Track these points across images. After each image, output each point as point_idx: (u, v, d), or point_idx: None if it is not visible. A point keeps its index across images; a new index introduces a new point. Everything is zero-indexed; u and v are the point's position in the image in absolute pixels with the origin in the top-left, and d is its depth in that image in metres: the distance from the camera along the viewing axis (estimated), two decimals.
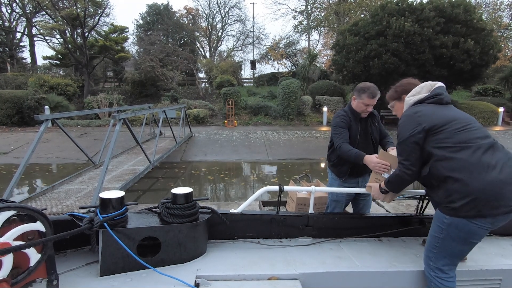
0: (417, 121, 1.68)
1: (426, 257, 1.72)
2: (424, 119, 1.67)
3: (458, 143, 1.58)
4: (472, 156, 1.54)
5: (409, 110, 1.79)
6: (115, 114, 6.05)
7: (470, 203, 1.50)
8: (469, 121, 1.68)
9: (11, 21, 25.27)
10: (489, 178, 1.49)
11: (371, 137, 2.71)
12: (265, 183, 8.39)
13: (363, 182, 2.76)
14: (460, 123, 1.64)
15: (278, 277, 1.61)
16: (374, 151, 2.68)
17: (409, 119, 1.72)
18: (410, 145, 1.68)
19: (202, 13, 28.53)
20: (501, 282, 1.84)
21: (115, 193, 1.57)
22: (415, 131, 1.65)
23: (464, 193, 1.51)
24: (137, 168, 7.31)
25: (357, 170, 2.70)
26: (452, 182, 1.55)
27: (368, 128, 2.71)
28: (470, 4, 14.07)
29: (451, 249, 1.64)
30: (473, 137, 1.60)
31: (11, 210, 1.17)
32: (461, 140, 1.59)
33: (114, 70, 24.14)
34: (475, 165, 1.52)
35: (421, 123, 1.66)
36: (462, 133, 1.61)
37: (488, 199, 1.48)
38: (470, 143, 1.57)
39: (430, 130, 1.63)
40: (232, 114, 15.98)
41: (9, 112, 14.92)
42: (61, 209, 4.62)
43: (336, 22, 24.97)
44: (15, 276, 1.19)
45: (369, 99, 2.54)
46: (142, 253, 1.56)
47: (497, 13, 24.20)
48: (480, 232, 1.56)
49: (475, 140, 1.59)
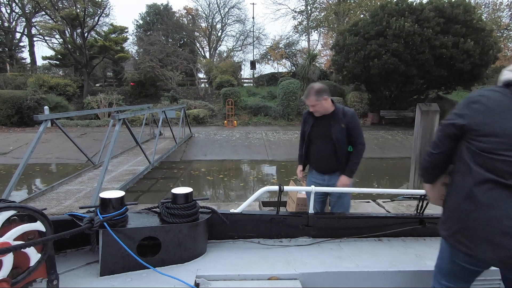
0: (464, 111, 1.28)
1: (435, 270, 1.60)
2: (475, 115, 1.24)
3: (481, 165, 1.21)
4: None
5: (479, 91, 1.32)
6: (115, 114, 6.05)
7: None
8: None
9: (11, 21, 25.27)
10: None
11: (332, 136, 2.75)
12: (265, 183, 8.39)
13: (330, 180, 2.85)
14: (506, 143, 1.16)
15: (278, 277, 1.61)
16: (334, 150, 2.76)
17: (463, 103, 1.31)
18: (442, 134, 1.36)
19: (201, 13, 28.58)
20: (501, 282, 1.84)
21: (115, 193, 1.57)
22: (451, 122, 1.31)
23: None
24: (136, 168, 7.30)
25: (321, 166, 2.88)
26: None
27: (331, 128, 2.75)
28: (470, 4, 14.09)
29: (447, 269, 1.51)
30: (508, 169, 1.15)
31: (11, 210, 1.17)
32: (489, 166, 1.19)
33: (113, 70, 24.13)
34: None
35: (465, 117, 1.26)
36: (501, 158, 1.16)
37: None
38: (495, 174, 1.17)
39: (468, 132, 1.26)
40: (232, 114, 15.98)
41: (8, 112, 14.92)
42: (60, 209, 4.62)
43: (336, 22, 24.98)
44: (15, 276, 1.19)
45: (305, 99, 2.78)
46: (142, 253, 1.56)
47: (496, 13, 24.23)
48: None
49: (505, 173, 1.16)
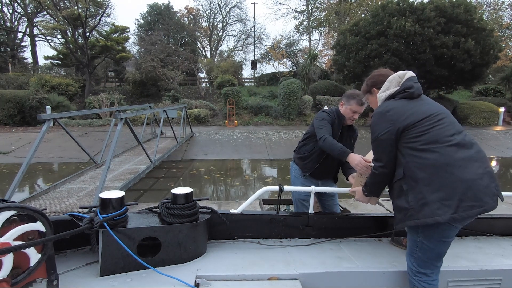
0: (389, 120, 1.62)
1: (408, 261, 1.69)
2: (397, 118, 1.60)
3: (428, 143, 1.53)
4: (441, 157, 1.50)
5: (380, 107, 1.70)
6: (117, 114, 6.08)
7: None
8: (441, 115, 1.61)
9: (13, 21, 25.37)
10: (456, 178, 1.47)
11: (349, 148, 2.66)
12: (265, 183, 8.39)
13: (323, 184, 2.76)
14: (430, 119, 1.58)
15: (278, 277, 1.61)
16: (342, 163, 2.65)
17: (381, 118, 1.66)
18: (382, 145, 1.63)
19: (202, 13, 28.60)
20: (501, 282, 1.84)
21: (115, 193, 1.57)
22: (387, 131, 1.61)
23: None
24: (138, 167, 7.32)
25: (321, 171, 2.70)
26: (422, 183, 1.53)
27: (345, 139, 2.65)
28: (471, 4, 14.04)
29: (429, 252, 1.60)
30: (444, 134, 1.55)
31: (11, 210, 1.17)
32: (431, 139, 1.54)
33: (115, 70, 24.18)
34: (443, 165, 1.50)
35: (394, 123, 1.60)
36: (434, 131, 1.55)
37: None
38: (440, 142, 1.53)
39: (404, 130, 1.58)
40: (232, 114, 15.99)
41: (11, 112, 14.96)
42: (63, 207, 4.64)
43: (337, 22, 24.95)
44: (15, 276, 1.20)
45: (358, 106, 2.52)
46: (142, 253, 1.56)
47: (498, 13, 24.14)
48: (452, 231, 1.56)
49: (445, 138, 1.54)
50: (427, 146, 1.54)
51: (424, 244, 1.59)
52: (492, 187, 1.51)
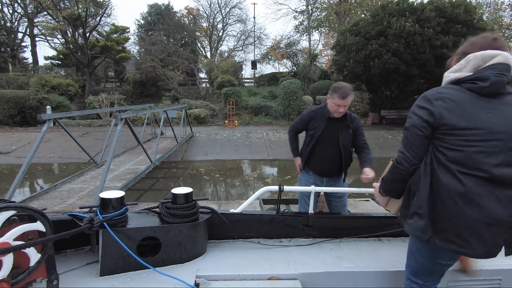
0: (429, 110, 1.30)
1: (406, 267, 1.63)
2: (439, 110, 1.27)
3: (453, 162, 1.25)
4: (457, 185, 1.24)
5: (433, 90, 1.37)
6: (117, 114, 6.08)
7: None
8: (501, 136, 1.21)
9: (13, 22, 25.35)
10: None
11: (341, 141, 2.63)
12: (265, 183, 8.39)
13: (329, 182, 2.78)
14: (482, 135, 1.21)
15: (278, 277, 1.61)
16: (339, 157, 2.66)
17: (423, 102, 1.34)
18: (413, 135, 1.35)
19: (203, 13, 28.58)
20: (501, 282, 1.84)
21: (115, 193, 1.57)
22: (419, 123, 1.32)
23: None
24: (138, 167, 7.32)
25: (319, 166, 2.76)
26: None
27: (338, 132, 2.62)
28: (471, 4, 14.04)
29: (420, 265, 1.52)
30: (481, 160, 1.21)
31: (11, 210, 1.17)
32: (460, 160, 1.24)
33: (115, 70, 24.19)
34: None
35: (433, 113, 1.28)
36: (470, 151, 1.22)
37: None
38: (469, 168, 1.23)
39: (437, 129, 1.29)
40: (232, 114, 15.99)
41: (11, 112, 14.98)
42: (63, 207, 4.65)
43: (337, 22, 24.96)
44: (15, 276, 1.20)
45: (340, 99, 2.46)
46: (142, 253, 1.56)
47: (498, 13, 24.11)
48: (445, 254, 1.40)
49: (480, 165, 1.21)
50: (449, 164, 1.26)
51: (417, 256, 1.52)
52: (497, 239, 1.27)
